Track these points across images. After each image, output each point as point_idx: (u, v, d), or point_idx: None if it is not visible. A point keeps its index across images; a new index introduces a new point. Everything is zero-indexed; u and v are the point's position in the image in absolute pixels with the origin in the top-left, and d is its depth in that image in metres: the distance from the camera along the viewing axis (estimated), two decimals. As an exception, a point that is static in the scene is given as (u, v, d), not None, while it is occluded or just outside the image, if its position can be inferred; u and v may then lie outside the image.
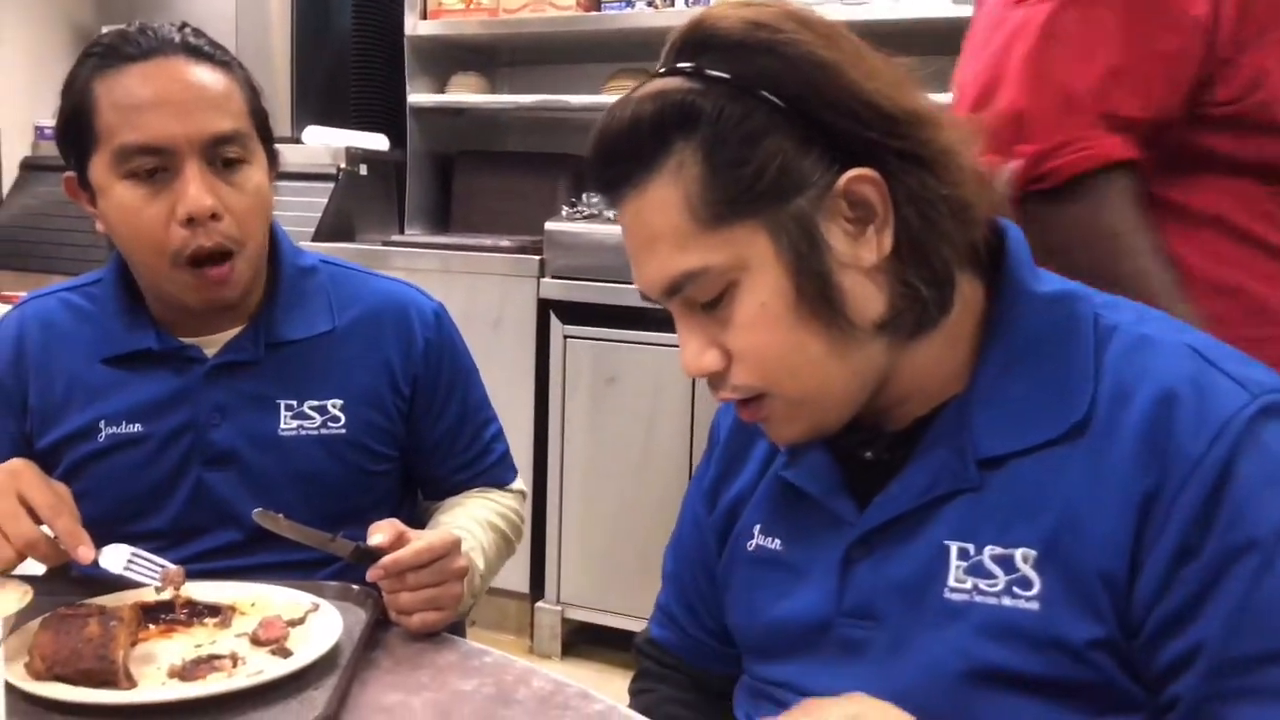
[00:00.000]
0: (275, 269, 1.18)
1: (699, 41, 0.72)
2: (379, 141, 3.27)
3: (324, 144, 3.10)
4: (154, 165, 1.04)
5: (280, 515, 0.98)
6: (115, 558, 0.96)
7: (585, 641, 2.79)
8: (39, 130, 3.65)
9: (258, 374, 1.14)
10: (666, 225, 0.70)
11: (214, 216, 1.04)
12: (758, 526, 0.83)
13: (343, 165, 3.05)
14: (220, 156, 1.06)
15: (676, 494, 2.53)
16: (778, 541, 0.82)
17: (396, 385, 1.20)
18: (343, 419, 1.16)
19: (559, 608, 2.72)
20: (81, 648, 0.83)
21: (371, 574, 0.97)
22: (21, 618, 0.87)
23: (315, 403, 1.15)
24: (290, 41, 3.17)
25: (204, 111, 1.04)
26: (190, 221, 1.04)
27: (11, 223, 3.53)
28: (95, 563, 0.95)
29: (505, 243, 2.84)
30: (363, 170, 3.12)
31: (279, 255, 1.18)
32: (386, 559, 0.96)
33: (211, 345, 1.14)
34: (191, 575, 1.04)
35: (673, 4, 2.93)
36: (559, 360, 2.68)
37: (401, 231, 3.28)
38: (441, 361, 1.24)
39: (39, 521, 0.95)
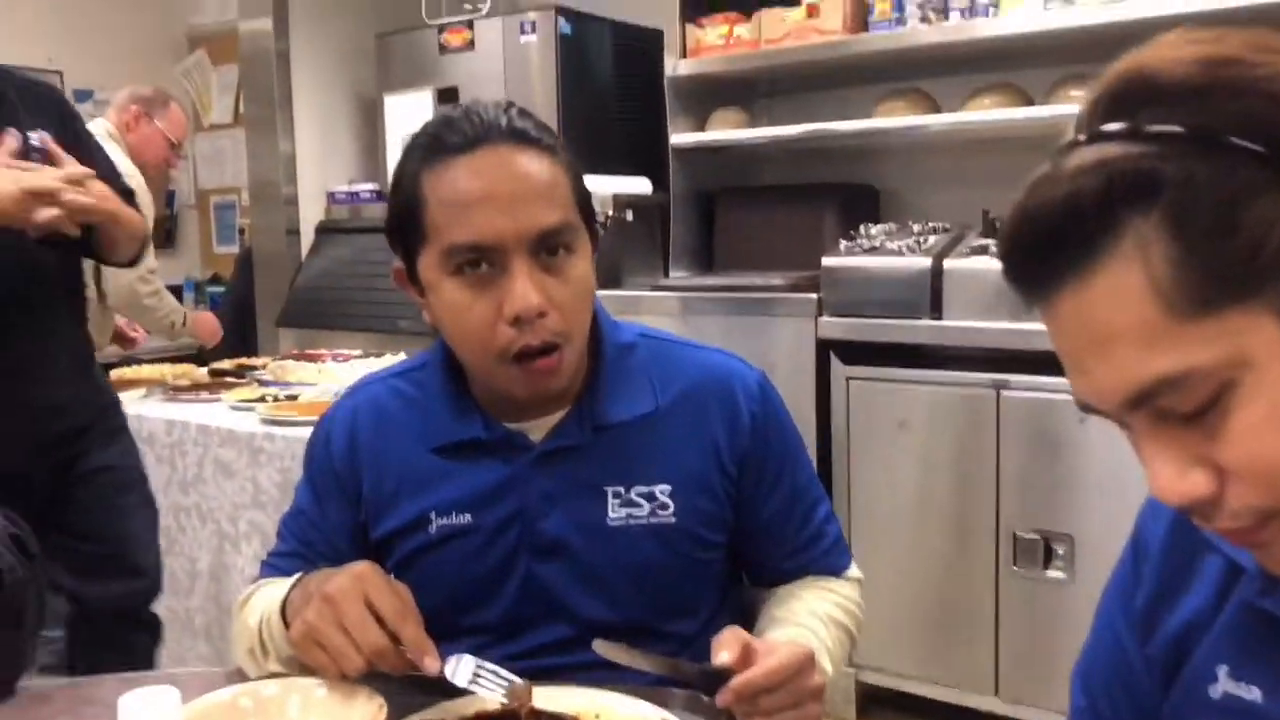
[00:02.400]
0: (596, 347, 1.13)
1: (1137, 94, 0.57)
2: (643, 185, 3.27)
3: (594, 192, 3.13)
4: (481, 261, 1.01)
5: (621, 645, 0.91)
6: (463, 671, 0.92)
7: (878, 704, 2.62)
8: (330, 196, 3.91)
9: (584, 459, 1.10)
10: (1128, 321, 0.56)
11: (541, 314, 1.00)
12: (1224, 668, 0.68)
13: (610, 213, 3.06)
14: (546, 248, 1.01)
15: (986, 551, 2.38)
16: (1256, 690, 0.66)
17: (724, 467, 1.12)
18: (671, 506, 1.09)
19: (852, 670, 2.57)
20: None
21: (722, 699, 0.88)
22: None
23: (643, 489, 1.09)
24: (556, 94, 3.23)
25: (531, 205, 1.00)
26: (517, 321, 1.00)
27: (309, 284, 3.79)
28: (441, 673, 0.91)
29: (777, 280, 2.74)
30: (628, 216, 3.12)
31: (599, 333, 1.13)
32: (738, 681, 0.87)
33: (537, 430, 1.11)
34: (524, 673, 1.00)
35: (946, 17, 2.75)
36: (842, 404, 2.55)
37: (666, 274, 3.26)
38: (769, 437, 1.15)
39: (385, 628, 0.92)
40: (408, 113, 3.57)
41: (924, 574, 2.48)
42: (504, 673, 0.93)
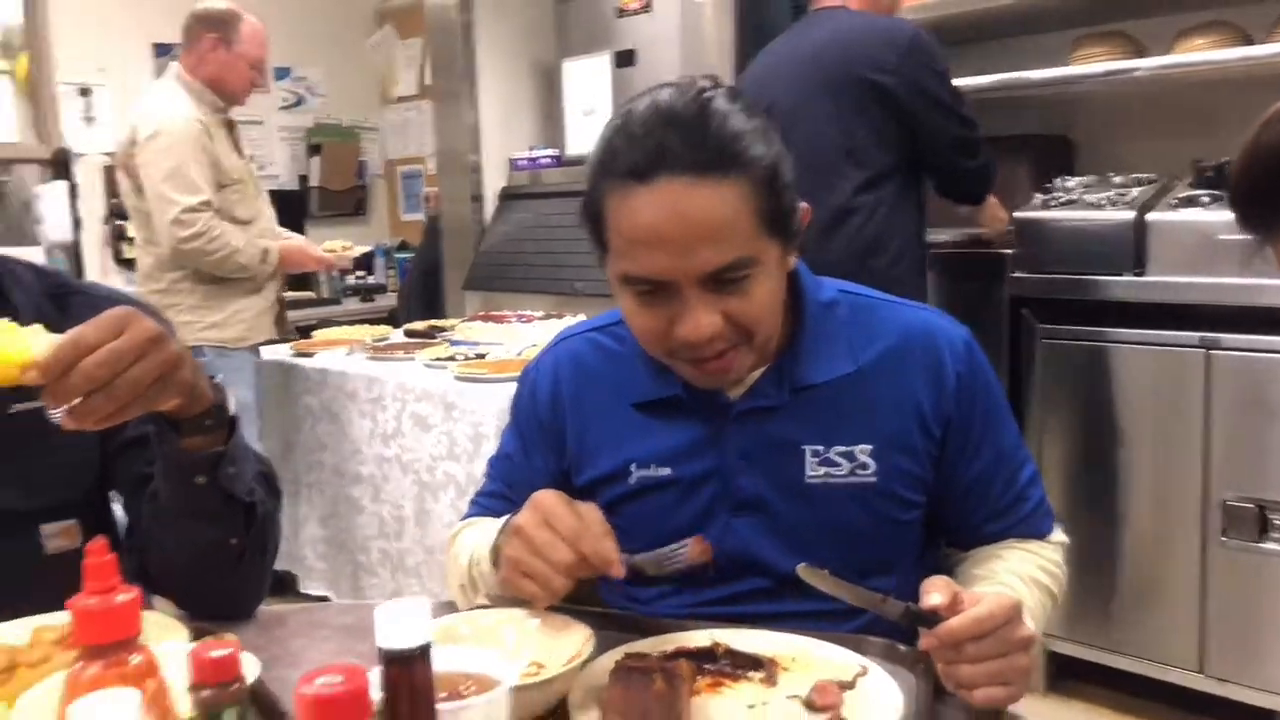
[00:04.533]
0: (797, 305, 1.12)
1: None
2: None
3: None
4: (654, 290, 1.01)
5: (826, 571, 0.92)
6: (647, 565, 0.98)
7: (1069, 675, 2.53)
8: (512, 162, 4.02)
9: (782, 418, 1.10)
10: None
11: (713, 338, 1.00)
12: None
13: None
14: (720, 280, 0.99)
15: (1191, 520, 2.25)
16: None
17: (927, 428, 1.10)
18: (872, 466, 1.09)
19: (1041, 639, 2.49)
20: (651, 706, 0.81)
21: (925, 642, 0.87)
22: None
23: (842, 448, 1.09)
24: (732, 55, 3.21)
25: (703, 246, 0.96)
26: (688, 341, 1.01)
27: (492, 248, 3.93)
28: (626, 580, 0.95)
29: (966, 235, 2.65)
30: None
31: (800, 291, 1.12)
32: (943, 628, 0.86)
33: (735, 389, 1.12)
34: (719, 620, 1.02)
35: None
36: (1035, 364, 2.45)
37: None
38: (974, 398, 1.12)
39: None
40: (586, 78, 3.63)
41: (1123, 542, 2.37)
42: (676, 547, 0.98)
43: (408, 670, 0.55)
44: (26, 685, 0.85)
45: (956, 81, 2.36)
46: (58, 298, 1.19)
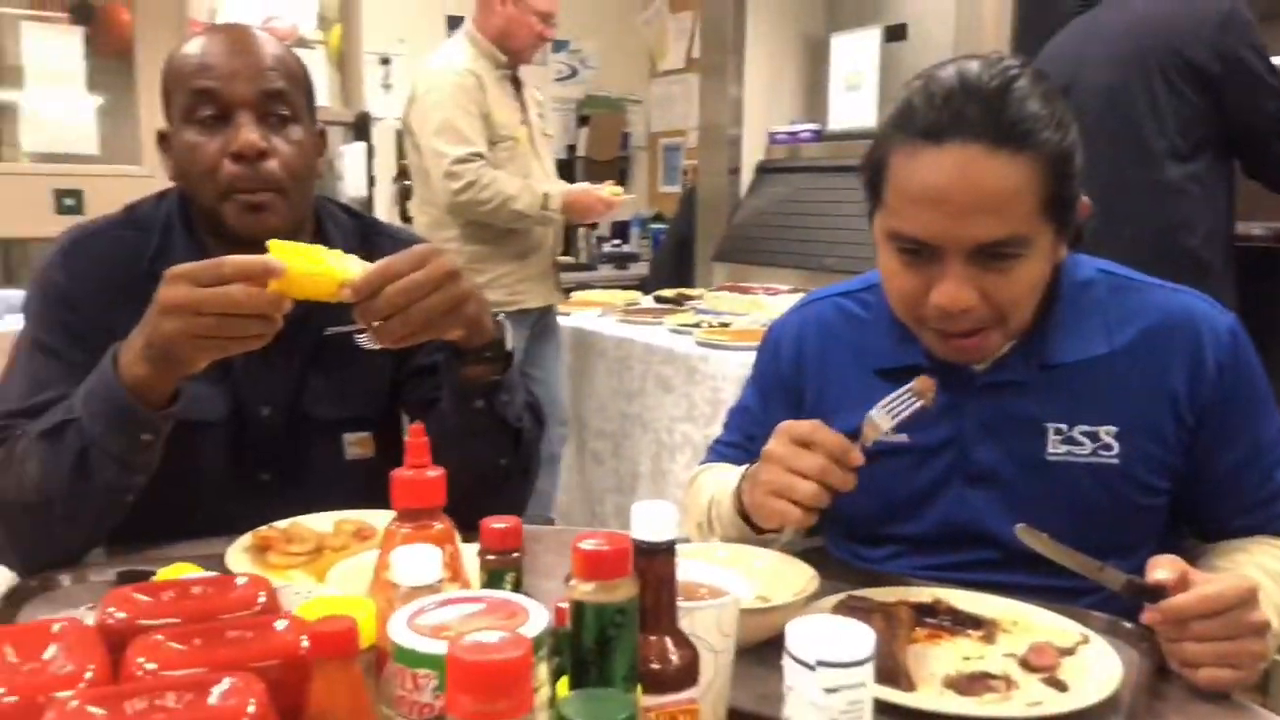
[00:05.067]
0: (1053, 284, 1.12)
1: None
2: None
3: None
4: (919, 250, 1.03)
5: (1045, 535, 0.93)
6: (880, 422, 1.02)
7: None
8: (772, 136, 4.07)
9: (1027, 394, 1.11)
10: None
11: (967, 311, 1.02)
12: None
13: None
14: (988, 255, 1.00)
15: None
16: None
17: (1180, 415, 1.08)
18: (1115, 447, 1.07)
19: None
20: (868, 644, 0.86)
21: (1148, 616, 0.87)
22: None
23: (1086, 428, 1.08)
24: (1009, 30, 3.10)
25: (980, 216, 0.98)
26: (942, 310, 1.03)
27: (745, 221, 4.00)
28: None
29: (1272, 231, 2.46)
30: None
31: (1057, 268, 1.12)
32: (1168, 604, 0.85)
33: (981, 362, 1.13)
34: (944, 583, 1.05)
35: None
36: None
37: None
38: (1235, 388, 1.08)
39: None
40: (854, 52, 3.61)
41: None
42: (900, 391, 1.02)
43: (655, 561, 0.63)
44: (330, 565, 1.01)
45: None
46: (366, 236, 1.36)
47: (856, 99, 3.61)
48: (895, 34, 3.44)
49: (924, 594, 1.01)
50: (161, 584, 0.71)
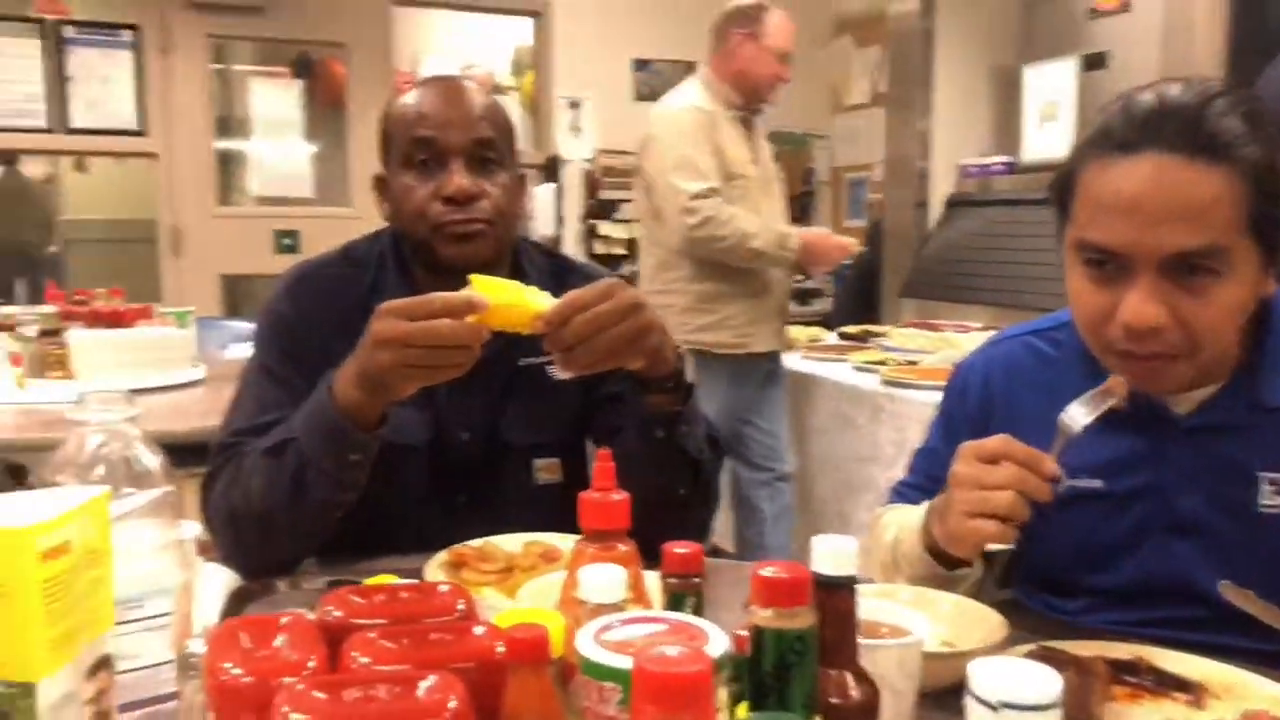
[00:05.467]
0: (1262, 316, 1.05)
1: None
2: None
3: None
4: (1107, 262, 0.99)
5: (1250, 592, 0.87)
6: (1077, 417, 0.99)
7: None
8: (963, 169, 3.97)
9: (1237, 439, 1.04)
10: None
11: (1156, 330, 0.97)
12: None
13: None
14: (1183, 268, 0.96)
15: None
16: None
17: None
18: None
19: None
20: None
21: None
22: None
23: None
24: (1223, 60, 2.93)
25: (1174, 225, 0.94)
26: (1129, 328, 0.98)
27: (934, 256, 3.91)
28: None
29: None
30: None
31: (1266, 304, 1.05)
32: None
33: (1183, 404, 1.07)
34: (1148, 641, 0.99)
35: None
36: None
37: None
38: None
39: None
40: (1049, 82, 3.49)
41: None
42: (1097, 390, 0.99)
43: (836, 596, 0.63)
44: (519, 584, 1.05)
45: None
46: (559, 272, 1.42)
47: (1052, 130, 3.48)
48: (1094, 63, 3.30)
49: (1123, 650, 0.95)
50: (373, 588, 0.77)
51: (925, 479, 1.27)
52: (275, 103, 5.25)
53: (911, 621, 0.76)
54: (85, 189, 6.85)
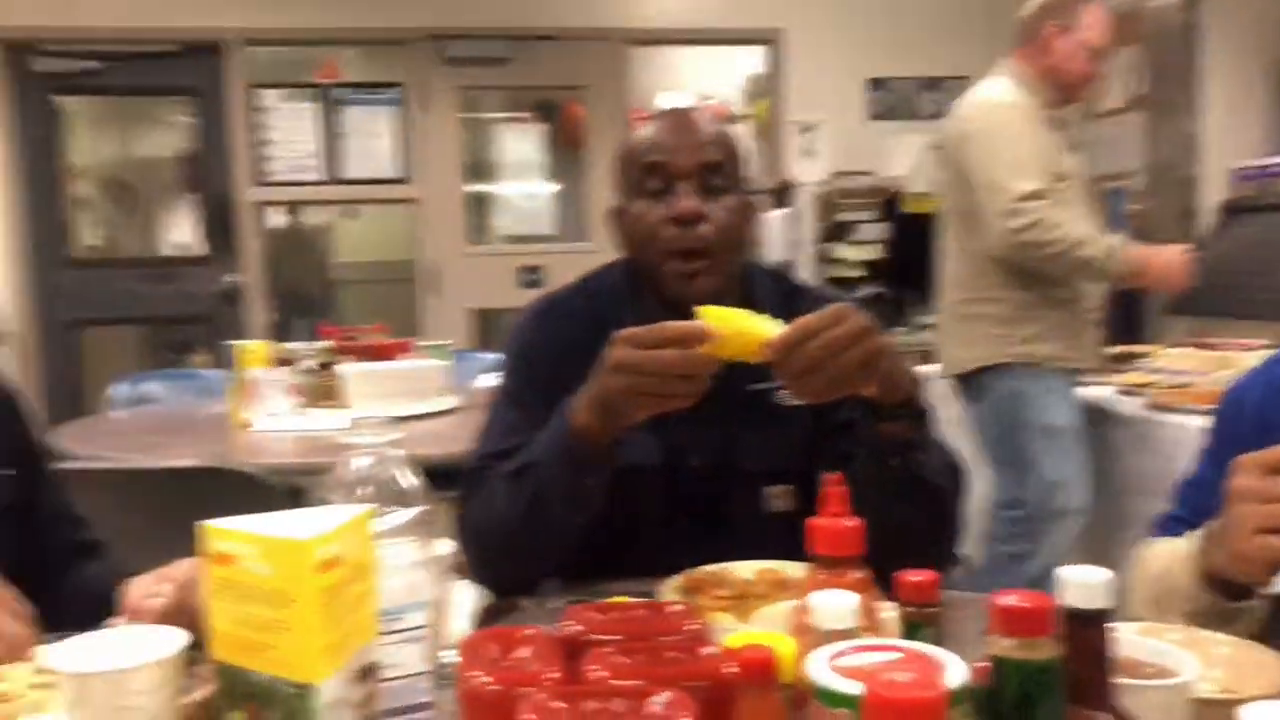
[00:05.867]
0: None
1: None
2: None
3: None
4: None
5: None
6: None
7: None
8: (1238, 172, 3.64)
9: None
10: None
11: None
12: None
13: None
14: None
15: None
16: None
17: None
18: None
19: None
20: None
21: None
22: None
23: None
24: None
25: None
26: None
27: (1209, 268, 3.58)
28: None
29: None
30: None
31: None
32: None
33: None
34: None
35: None
36: None
37: None
38: None
39: None
40: (1338, 72, 3.15)
41: None
42: None
43: (1087, 629, 0.59)
44: (753, 611, 1.05)
45: None
46: (789, 297, 1.42)
47: (1345, 124, 3.13)
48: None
49: None
50: (610, 605, 0.81)
51: (1191, 511, 1.18)
52: (520, 146, 5.56)
53: (1181, 662, 0.70)
54: (354, 234, 7.49)
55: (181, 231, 5.26)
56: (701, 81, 6.11)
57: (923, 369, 2.68)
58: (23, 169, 4.74)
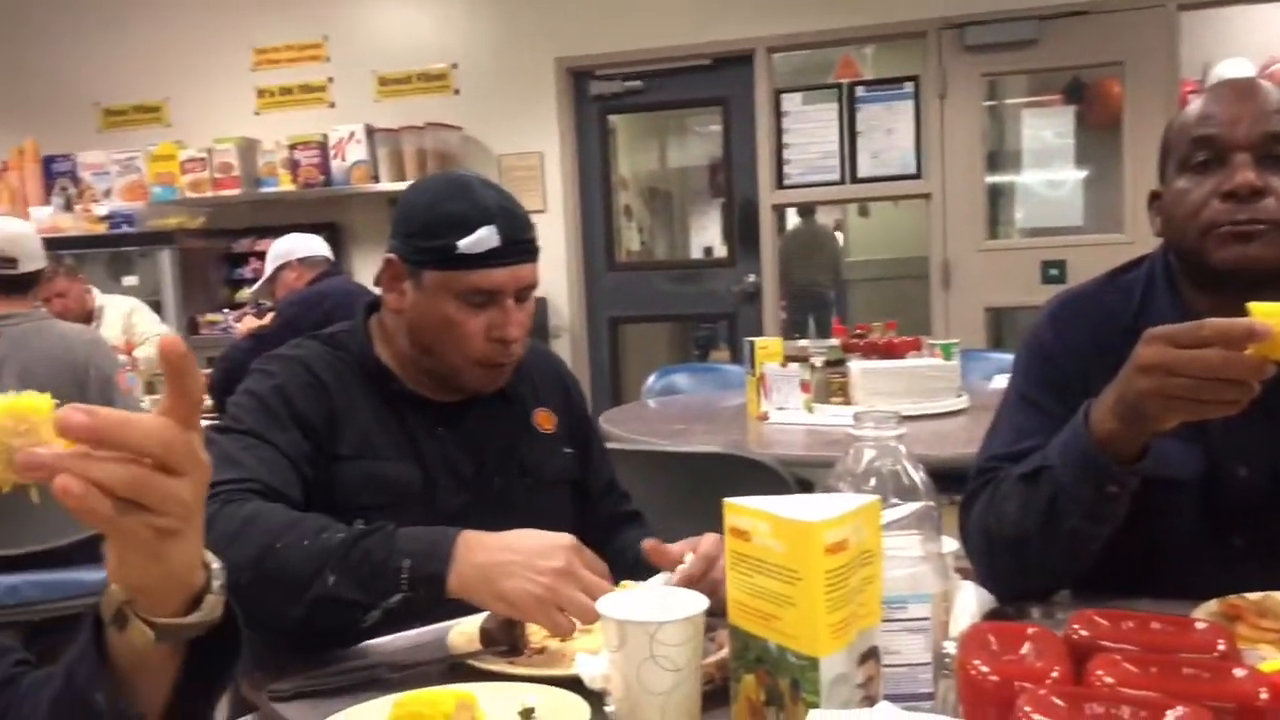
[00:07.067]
0: None
1: None
2: None
3: None
4: None
5: None
6: None
7: None
8: None
9: None
10: None
11: None
12: None
13: None
14: None
15: None
16: None
17: None
18: None
19: None
20: None
21: None
22: None
23: None
24: None
25: None
26: None
27: None
28: None
29: None
30: None
31: None
32: None
33: None
34: None
35: None
36: None
37: None
38: None
39: None
40: None
41: None
42: None
43: None
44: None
45: None
46: None
47: None
48: None
49: None
50: (1124, 614, 0.78)
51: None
52: (1045, 131, 5.24)
53: None
54: (865, 231, 7.60)
55: (709, 235, 5.72)
56: (1270, 45, 5.31)
57: None
58: (582, 183, 5.46)
